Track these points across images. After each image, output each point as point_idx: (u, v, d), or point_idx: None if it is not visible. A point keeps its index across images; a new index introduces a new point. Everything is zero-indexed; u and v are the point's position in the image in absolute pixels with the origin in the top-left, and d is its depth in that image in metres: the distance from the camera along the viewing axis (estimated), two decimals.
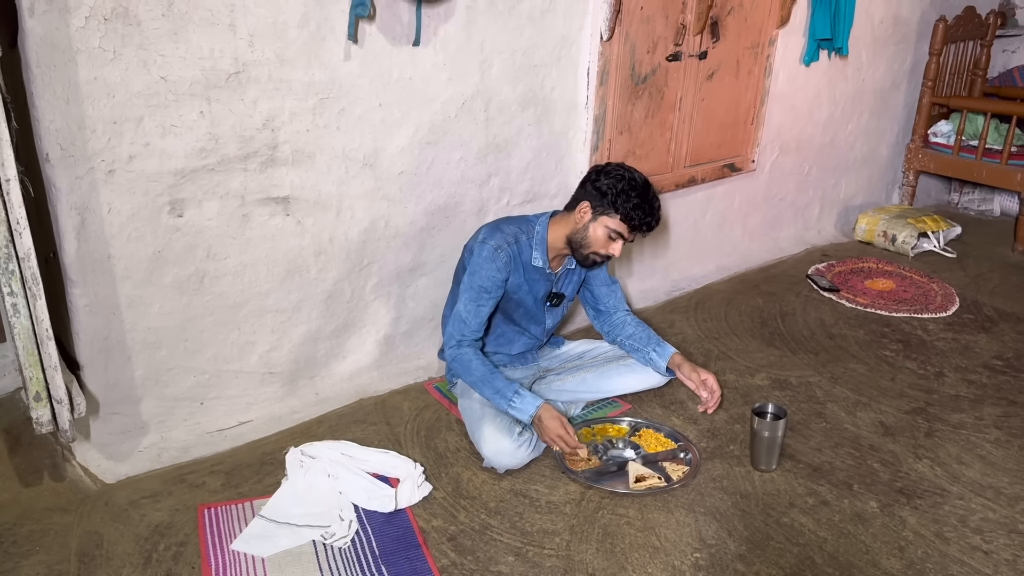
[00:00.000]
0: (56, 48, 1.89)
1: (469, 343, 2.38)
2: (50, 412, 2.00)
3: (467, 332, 2.37)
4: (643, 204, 2.30)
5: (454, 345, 2.38)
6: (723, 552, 2.00)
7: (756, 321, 3.31)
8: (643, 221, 2.32)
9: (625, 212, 2.29)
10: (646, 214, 2.31)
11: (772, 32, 3.53)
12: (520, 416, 2.29)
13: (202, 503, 2.13)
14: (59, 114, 1.94)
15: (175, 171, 2.14)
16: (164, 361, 2.30)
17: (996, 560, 1.99)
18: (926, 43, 4.37)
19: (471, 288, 2.36)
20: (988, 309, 3.47)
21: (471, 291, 2.36)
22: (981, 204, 4.96)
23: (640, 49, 3.02)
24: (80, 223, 2.05)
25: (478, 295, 2.36)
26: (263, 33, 2.16)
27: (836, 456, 2.40)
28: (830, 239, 4.34)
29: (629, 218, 2.30)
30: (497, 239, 2.36)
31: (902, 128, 4.61)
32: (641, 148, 3.20)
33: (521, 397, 2.29)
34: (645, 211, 2.31)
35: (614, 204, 2.29)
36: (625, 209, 2.29)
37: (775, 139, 3.84)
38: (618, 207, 2.29)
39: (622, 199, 2.28)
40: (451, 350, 2.38)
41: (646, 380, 2.66)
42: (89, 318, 2.15)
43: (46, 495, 2.16)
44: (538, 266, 2.44)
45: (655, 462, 2.35)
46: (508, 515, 2.12)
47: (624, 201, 2.28)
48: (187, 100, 2.10)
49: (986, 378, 2.88)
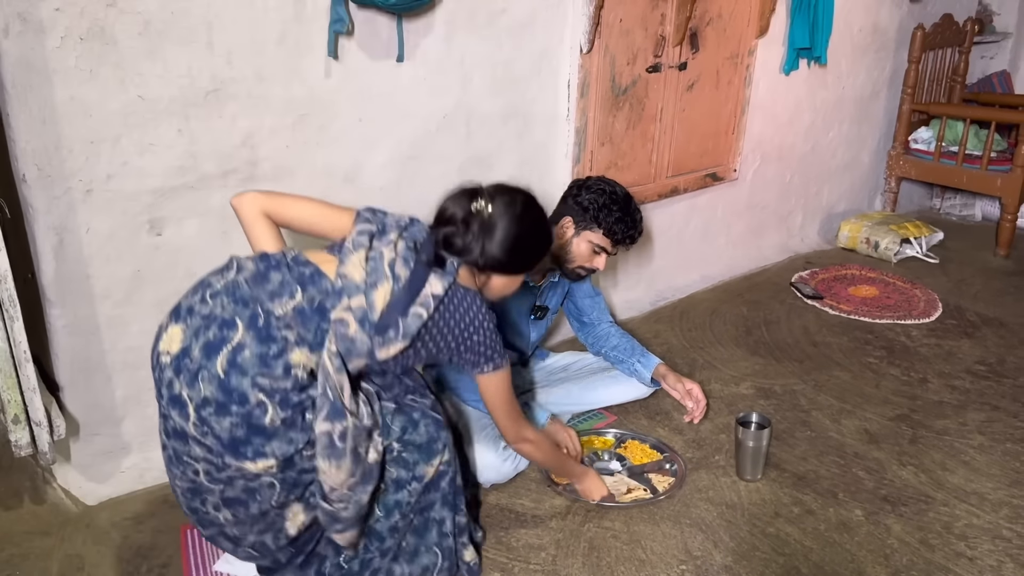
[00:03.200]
0: (32, 68, 1.88)
1: None
2: (29, 435, 1.98)
3: None
4: (625, 218, 2.31)
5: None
6: (709, 563, 2.00)
7: (740, 330, 3.32)
8: (626, 235, 2.33)
9: (608, 226, 2.30)
10: (629, 227, 2.32)
11: (751, 42, 3.55)
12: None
13: (185, 524, 2.11)
14: (35, 134, 1.92)
15: (154, 190, 2.12)
16: (145, 381, 2.27)
17: (981, 566, 1.99)
18: (905, 51, 4.41)
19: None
20: (971, 314, 3.49)
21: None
22: (962, 209, 5.00)
23: (620, 61, 3.03)
24: (58, 243, 2.03)
25: None
26: (241, 50, 2.15)
27: (821, 464, 2.40)
28: (813, 246, 4.36)
29: (612, 232, 2.31)
30: None
31: (883, 135, 4.64)
32: (623, 159, 3.21)
33: (529, 410, 2.31)
34: (628, 224, 2.31)
35: (596, 219, 2.30)
36: (608, 223, 2.30)
37: (756, 148, 3.86)
38: (600, 222, 2.30)
39: (604, 213, 2.29)
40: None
41: (631, 391, 2.66)
42: (68, 339, 2.13)
43: (26, 518, 2.13)
44: None
45: (641, 473, 2.34)
46: (494, 530, 2.11)
47: (606, 216, 2.29)
48: (165, 118, 2.09)
49: (969, 383, 2.89)
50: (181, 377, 1.53)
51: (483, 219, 1.70)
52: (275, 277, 1.59)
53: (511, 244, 1.71)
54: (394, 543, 1.78)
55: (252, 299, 1.56)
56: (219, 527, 1.65)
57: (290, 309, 1.56)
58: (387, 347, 1.59)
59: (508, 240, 1.71)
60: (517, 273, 1.82)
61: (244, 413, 1.51)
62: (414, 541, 1.81)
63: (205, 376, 1.51)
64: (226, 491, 1.59)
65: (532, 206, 1.79)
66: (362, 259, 1.62)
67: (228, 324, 1.54)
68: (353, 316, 1.56)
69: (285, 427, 1.55)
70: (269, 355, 1.53)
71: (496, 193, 1.74)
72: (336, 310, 1.57)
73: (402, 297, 1.60)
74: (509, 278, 1.81)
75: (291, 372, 1.54)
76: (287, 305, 1.56)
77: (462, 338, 1.70)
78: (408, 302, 1.60)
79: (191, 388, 1.52)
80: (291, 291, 1.58)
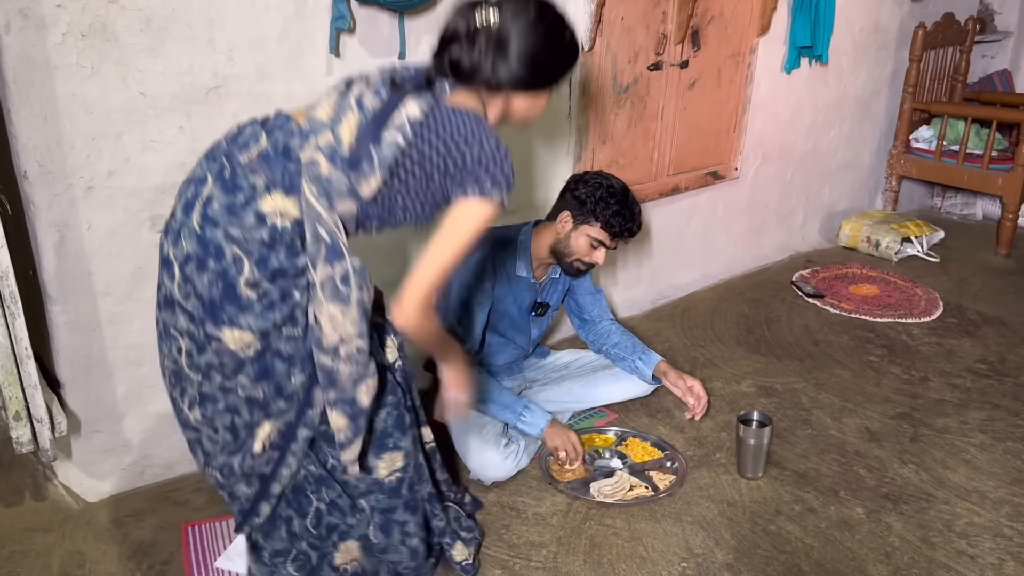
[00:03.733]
0: (33, 65, 1.88)
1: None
2: (30, 431, 1.98)
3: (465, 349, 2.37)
4: (623, 211, 2.30)
5: None
6: (710, 561, 2.00)
7: (741, 328, 3.32)
8: (624, 228, 2.32)
9: (605, 220, 2.30)
10: (626, 220, 2.31)
11: (753, 41, 3.55)
12: (530, 431, 2.31)
13: (186, 521, 2.11)
14: (37, 131, 1.92)
15: (155, 187, 2.12)
16: (146, 378, 2.28)
17: (982, 564, 1.99)
18: (906, 50, 4.40)
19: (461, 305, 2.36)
20: (971, 313, 3.49)
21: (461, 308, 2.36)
22: (963, 208, 4.99)
23: (621, 59, 3.03)
24: (59, 240, 2.03)
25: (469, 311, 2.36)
26: (242, 47, 2.15)
27: (822, 462, 2.40)
28: (814, 245, 4.35)
29: (610, 226, 2.31)
30: (479, 252, 2.36)
31: (884, 134, 4.64)
32: (624, 157, 3.21)
33: (531, 412, 2.32)
34: (625, 217, 2.31)
35: (594, 212, 2.29)
36: (605, 217, 2.29)
37: (758, 147, 3.85)
38: (598, 215, 2.29)
39: (601, 207, 2.29)
40: None
41: (632, 389, 2.66)
42: (69, 335, 2.13)
43: (27, 515, 2.13)
44: (522, 276, 2.44)
45: (642, 471, 2.34)
46: (495, 527, 2.11)
47: (604, 209, 2.29)
48: (167, 115, 2.09)
49: (970, 382, 2.89)
50: (168, 237, 1.55)
51: (490, 30, 1.52)
52: (247, 130, 1.56)
53: (528, 55, 1.54)
54: (357, 520, 1.75)
55: (224, 153, 1.54)
56: (195, 431, 1.65)
57: (255, 155, 1.51)
58: (366, 181, 1.49)
59: (524, 51, 1.53)
60: (540, 88, 1.63)
61: (220, 270, 1.48)
62: (382, 538, 1.77)
63: (185, 233, 1.51)
64: (203, 385, 1.57)
65: (547, 8, 1.58)
66: (333, 101, 1.54)
67: (200, 181, 1.53)
68: (323, 154, 1.48)
69: (262, 304, 1.50)
70: (236, 204, 1.48)
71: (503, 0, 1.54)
72: (305, 150, 1.49)
73: (369, 125, 1.49)
74: (532, 97, 1.64)
75: (265, 221, 1.48)
76: (252, 152, 1.51)
77: (450, 156, 1.51)
78: (377, 129, 1.48)
79: (175, 247, 1.52)
80: (256, 138, 1.53)
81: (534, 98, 1.64)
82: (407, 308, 1.56)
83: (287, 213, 1.49)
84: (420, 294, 1.56)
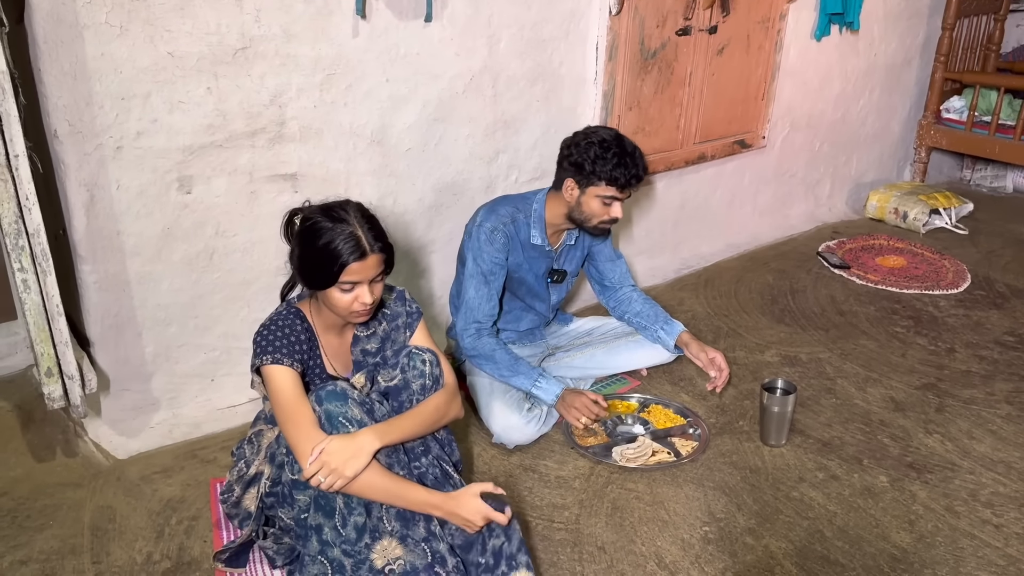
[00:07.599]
0: (63, 23, 1.88)
1: (488, 331, 2.37)
2: (62, 388, 2.01)
3: (482, 318, 2.36)
4: (623, 160, 2.24)
5: (473, 334, 2.36)
6: (732, 525, 2.00)
7: (766, 298, 3.30)
8: (629, 177, 2.26)
9: (608, 175, 2.25)
10: (629, 168, 2.25)
11: (783, 6, 3.49)
12: (545, 396, 2.31)
13: (214, 477, 2.14)
14: (66, 90, 1.93)
15: (183, 147, 2.13)
16: (174, 338, 2.30)
17: (1007, 533, 1.98)
18: (939, 17, 4.31)
19: (476, 274, 2.35)
20: (1000, 286, 3.44)
21: (476, 277, 2.35)
22: (994, 181, 4.91)
23: (649, 23, 2.99)
24: (89, 199, 2.05)
25: (484, 279, 2.35)
26: (269, 8, 2.15)
27: (846, 431, 2.39)
28: (841, 216, 4.31)
29: (614, 179, 2.25)
30: (493, 221, 2.35)
31: (914, 104, 4.56)
32: (650, 124, 3.18)
33: (546, 379, 2.31)
34: (627, 166, 2.25)
35: (595, 172, 2.25)
36: (607, 173, 2.24)
37: (786, 115, 3.80)
38: (600, 174, 2.25)
39: (600, 164, 2.24)
40: (471, 339, 2.36)
41: (655, 356, 2.66)
42: (99, 295, 2.15)
43: (59, 470, 2.17)
44: (537, 244, 2.43)
45: (664, 437, 2.35)
46: (517, 490, 2.13)
47: (603, 165, 2.24)
48: (194, 76, 2.09)
49: (997, 354, 2.86)
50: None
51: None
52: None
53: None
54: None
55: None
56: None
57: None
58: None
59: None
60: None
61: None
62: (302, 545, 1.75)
63: None
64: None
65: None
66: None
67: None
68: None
69: None
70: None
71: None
72: None
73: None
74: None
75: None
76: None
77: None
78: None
79: None
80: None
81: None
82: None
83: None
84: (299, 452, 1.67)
